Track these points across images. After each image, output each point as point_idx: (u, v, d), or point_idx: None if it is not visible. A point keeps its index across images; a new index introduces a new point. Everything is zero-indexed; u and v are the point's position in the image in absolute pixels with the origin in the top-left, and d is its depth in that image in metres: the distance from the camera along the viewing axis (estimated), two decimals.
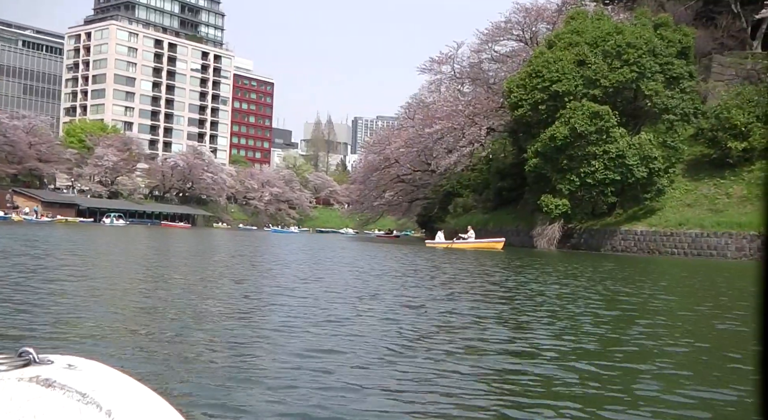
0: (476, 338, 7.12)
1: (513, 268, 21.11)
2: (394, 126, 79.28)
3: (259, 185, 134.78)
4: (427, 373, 5.35)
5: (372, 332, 7.20)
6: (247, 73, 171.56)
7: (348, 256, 26.60)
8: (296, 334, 6.86)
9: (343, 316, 8.34)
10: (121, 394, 0.84)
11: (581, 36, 42.84)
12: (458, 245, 39.74)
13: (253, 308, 8.98)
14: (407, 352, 6.13)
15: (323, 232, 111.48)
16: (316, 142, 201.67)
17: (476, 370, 5.53)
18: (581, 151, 39.82)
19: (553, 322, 8.46)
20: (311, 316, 8.15)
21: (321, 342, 6.47)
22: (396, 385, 4.95)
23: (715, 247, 36.65)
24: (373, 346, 6.37)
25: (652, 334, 7.82)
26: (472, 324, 8.18)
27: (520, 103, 42.89)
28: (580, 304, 10.86)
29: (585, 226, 42.74)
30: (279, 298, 10.06)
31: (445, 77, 63.05)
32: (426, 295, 11.45)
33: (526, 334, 7.39)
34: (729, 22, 50.54)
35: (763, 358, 0.84)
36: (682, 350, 6.97)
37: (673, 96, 41.18)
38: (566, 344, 6.86)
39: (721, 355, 6.83)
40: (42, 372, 0.84)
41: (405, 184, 71.12)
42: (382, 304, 9.97)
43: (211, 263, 18.77)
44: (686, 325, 9.18)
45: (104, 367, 0.92)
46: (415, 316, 8.78)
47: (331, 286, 12.63)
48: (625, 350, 6.78)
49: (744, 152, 40.35)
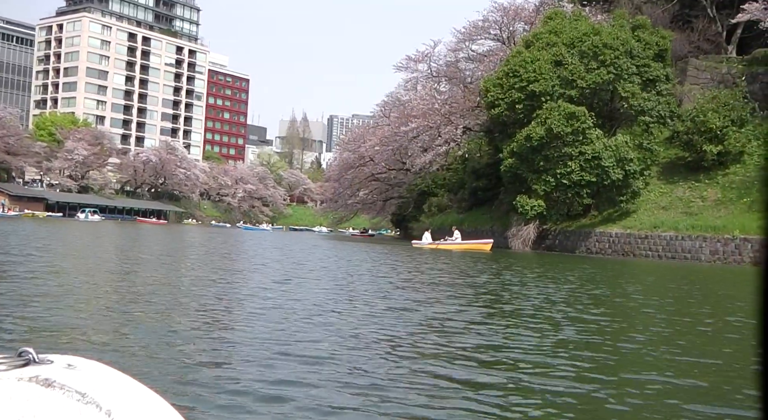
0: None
1: (497, 271, 20.67)
2: (369, 124, 78.74)
3: (232, 182, 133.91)
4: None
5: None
6: (222, 68, 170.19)
7: (332, 259, 23.59)
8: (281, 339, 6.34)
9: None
10: (120, 394, 0.85)
11: (559, 36, 42.63)
12: (445, 246, 39.12)
13: (226, 318, 8.40)
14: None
15: (297, 230, 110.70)
16: (291, 139, 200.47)
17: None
18: (557, 152, 39.57)
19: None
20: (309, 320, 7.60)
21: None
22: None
23: (690, 250, 36.56)
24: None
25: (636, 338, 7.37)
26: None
27: (496, 103, 42.55)
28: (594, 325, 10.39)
29: (560, 227, 42.52)
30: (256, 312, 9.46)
31: (422, 76, 62.69)
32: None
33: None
34: (705, 26, 50.58)
35: (763, 358, 0.84)
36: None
37: (650, 98, 41.11)
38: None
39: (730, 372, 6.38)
40: (41, 372, 0.84)
41: (380, 182, 70.65)
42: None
43: (190, 265, 18.11)
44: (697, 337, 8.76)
45: (104, 367, 0.92)
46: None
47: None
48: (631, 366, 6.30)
49: (719, 156, 40.36)
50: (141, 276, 12.91)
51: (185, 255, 21.89)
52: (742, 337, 8.17)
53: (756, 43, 48.16)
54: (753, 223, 35.44)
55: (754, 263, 34.05)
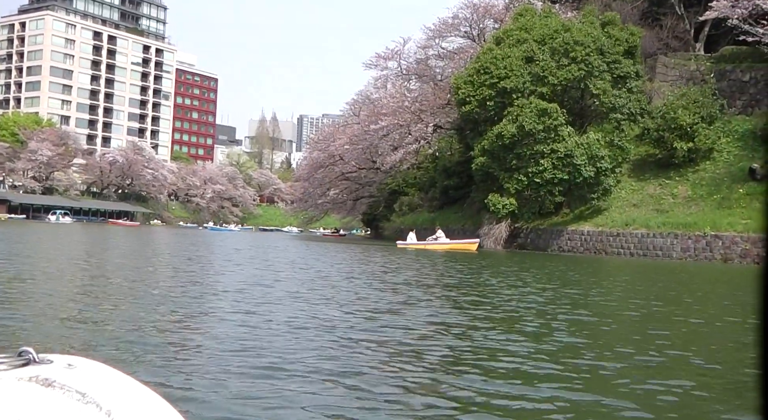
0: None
1: (479, 271, 20.14)
2: (339, 123, 78.12)
3: (201, 182, 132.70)
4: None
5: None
6: (191, 68, 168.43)
7: (313, 265, 19.24)
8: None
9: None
10: (120, 394, 0.85)
11: (529, 33, 42.34)
12: (431, 246, 38.40)
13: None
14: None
15: (267, 231, 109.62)
16: (260, 139, 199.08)
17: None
18: (529, 150, 39.23)
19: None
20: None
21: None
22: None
23: (661, 248, 36.47)
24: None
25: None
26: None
27: (467, 100, 42.12)
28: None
29: (532, 225, 42.24)
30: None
31: (392, 73, 62.25)
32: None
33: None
34: (674, 24, 50.71)
35: (763, 358, 0.85)
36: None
37: (620, 95, 40.95)
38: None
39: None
40: (42, 371, 0.84)
41: (350, 181, 70.04)
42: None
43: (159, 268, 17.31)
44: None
45: (104, 366, 0.92)
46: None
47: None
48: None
49: (689, 153, 40.38)
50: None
51: (147, 262, 21.09)
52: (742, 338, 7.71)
53: (723, 41, 48.40)
54: (723, 220, 35.51)
55: (724, 260, 34.11)
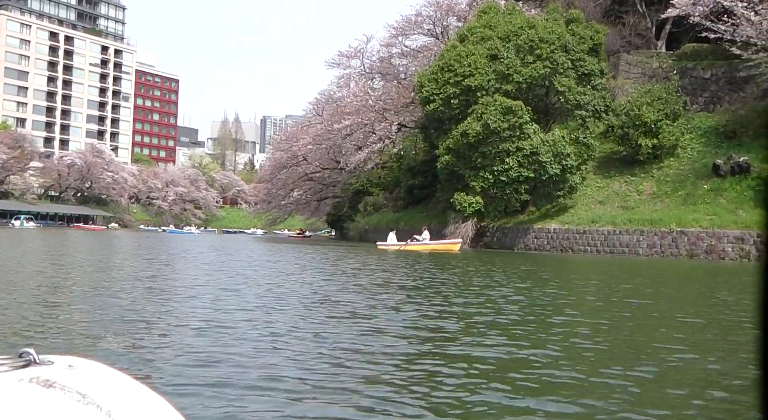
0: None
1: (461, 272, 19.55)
2: (302, 123, 77.23)
3: (163, 185, 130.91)
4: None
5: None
6: (151, 69, 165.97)
7: (288, 270, 17.26)
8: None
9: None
10: (121, 395, 0.85)
11: (493, 30, 41.98)
12: (412, 247, 37.55)
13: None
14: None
15: (230, 233, 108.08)
16: (223, 140, 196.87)
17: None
18: (494, 148, 38.83)
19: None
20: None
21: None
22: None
23: (627, 245, 36.35)
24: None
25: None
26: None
27: (431, 98, 41.61)
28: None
29: (498, 224, 41.86)
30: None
31: (355, 72, 61.56)
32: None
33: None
34: (636, 21, 50.88)
35: (763, 358, 0.85)
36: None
37: (585, 92, 40.81)
38: None
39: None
40: (42, 372, 0.84)
41: (314, 182, 69.27)
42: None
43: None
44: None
45: (104, 367, 0.92)
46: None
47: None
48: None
49: (654, 149, 40.39)
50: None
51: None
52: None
53: (685, 38, 48.65)
54: (688, 216, 35.51)
55: (689, 256, 34.07)
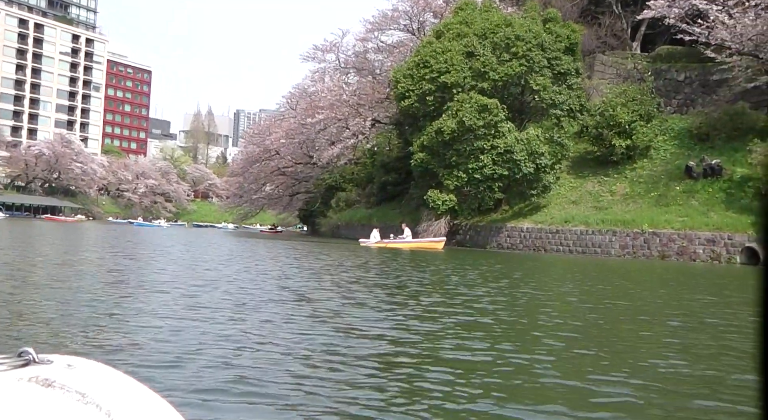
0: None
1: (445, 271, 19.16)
2: (276, 117, 76.50)
3: (133, 177, 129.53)
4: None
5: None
6: (123, 59, 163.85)
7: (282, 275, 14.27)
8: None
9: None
10: (120, 394, 0.85)
11: (470, 27, 41.69)
12: (395, 245, 37.02)
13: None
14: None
15: (200, 227, 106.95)
16: (195, 133, 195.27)
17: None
18: (469, 146, 38.56)
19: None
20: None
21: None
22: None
23: (600, 245, 36.28)
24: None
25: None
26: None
27: (406, 94, 41.25)
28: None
29: (471, 222, 41.66)
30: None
31: (330, 66, 60.98)
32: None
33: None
34: (612, 22, 51.00)
35: (763, 358, 0.85)
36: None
37: (560, 92, 40.69)
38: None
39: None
40: (41, 372, 0.84)
41: (286, 177, 68.66)
42: None
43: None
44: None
45: (104, 367, 0.92)
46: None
47: None
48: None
49: (627, 150, 40.38)
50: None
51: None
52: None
53: (660, 40, 48.88)
54: (661, 217, 35.50)
55: (661, 257, 34.07)
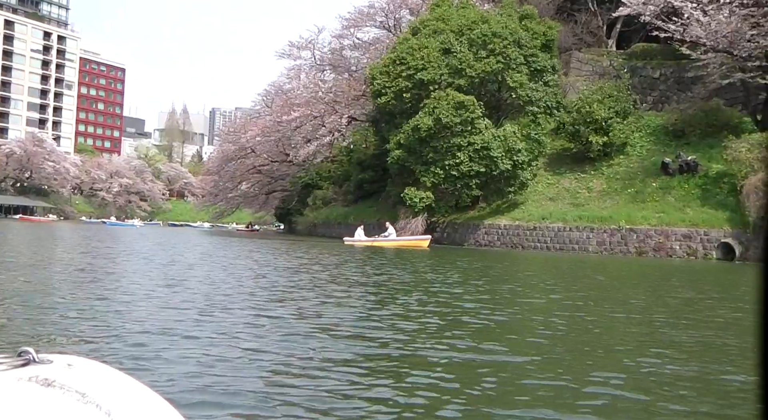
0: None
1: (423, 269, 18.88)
2: (251, 114, 75.89)
3: (107, 176, 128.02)
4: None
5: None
6: (96, 56, 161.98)
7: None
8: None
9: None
10: (120, 394, 0.85)
11: (446, 23, 41.48)
12: (380, 243, 36.63)
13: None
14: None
15: (175, 226, 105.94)
16: (170, 131, 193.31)
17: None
18: (446, 143, 38.35)
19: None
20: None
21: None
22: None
23: (577, 241, 36.28)
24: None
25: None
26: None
27: (383, 91, 40.94)
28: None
29: (448, 219, 41.49)
30: None
31: (306, 63, 60.58)
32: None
33: None
34: (588, 19, 51.09)
35: (763, 358, 0.85)
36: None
37: (537, 88, 40.62)
38: None
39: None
40: (41, 372, 0.84)
41: (262, 175, 68.11)
42: None
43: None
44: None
45: (104, 366, 0.92)
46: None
47: None
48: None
49: (604, 147, 40.42)
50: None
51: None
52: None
53: (635, 38, 49.07)
54: (637, 214, 35.58)
55: (638, 253, 34.13)
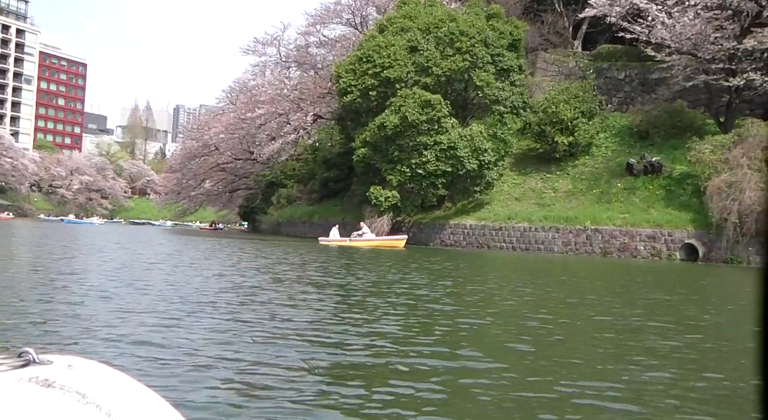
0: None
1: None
2: (215, 111, 74.84)
3: (67, 173, 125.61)
4: None
5: None
6: (57, 51, 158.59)
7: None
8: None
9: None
10: (121, 395, 0.84)
11: (413, 21, 41.16)
12: (356, 243, 36.14)
13: None
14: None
15: (137, 224, 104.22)
16: (133, 128, 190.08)
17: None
18: (412, 141, 38.02)
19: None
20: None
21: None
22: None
23: (543, 242, 36.23)
24: None
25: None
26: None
27: (349, 89, 40.47)
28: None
29: (414, 219, 41.19)
30: None
31: (271, 60, 59.86)
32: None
33: None
34: (554, 20, 51.17)
35: (763, 359, 0.86)
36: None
37: (504, 88, 40.49)
38: None
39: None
40: (41, 372, 0.83)
41: (226, 173, 67.24)
42: None
43: None
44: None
45: (104, 367, 0.92)
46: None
47: None
48: None
49: (570, 147, 40.47)
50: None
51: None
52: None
53: (601, 39, 49.27)
54: (603, 214, 35.64)
55: (603, 254, 34.15)
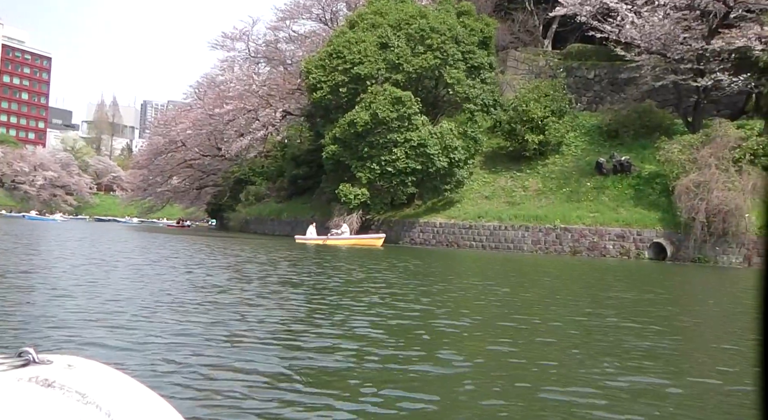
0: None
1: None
2: (183, 107, 73.80)
3: (30, 168, 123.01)
4: None
5: None
6: (20, 44, 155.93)
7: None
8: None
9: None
10: (120, 394, 0.85)
11: (384, 17, 40.82)
12: (334, 242, 35.66)
13: None
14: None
15: (102, 221, 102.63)
16: (99, 124, 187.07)
17: None
18: (382, 139, 37.68)
19: None
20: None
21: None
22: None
23: (513, 240, 36.10)
24: None
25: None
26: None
27: (318, 85, 40.03)
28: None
29: (383, 217, 40.88)
30: None
31: (239, 55, 59.16)
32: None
33: None
34: (524, 19, 51.18)
35: (763, 359, 0.86)
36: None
37: (474, 85, 40.34)
38: None
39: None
40: (41, 372, 0.84)
41: (193, 169, 66.34)
42: None
43: None
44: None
45: (104, 367, 0.92)
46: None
47: None
48: None
49: (540, 145, 40.39)
50: None
51: None
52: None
53: (571, 38, 49.35)
54: (572, 213, 35.61)
55: (573, 253, 34.12)
